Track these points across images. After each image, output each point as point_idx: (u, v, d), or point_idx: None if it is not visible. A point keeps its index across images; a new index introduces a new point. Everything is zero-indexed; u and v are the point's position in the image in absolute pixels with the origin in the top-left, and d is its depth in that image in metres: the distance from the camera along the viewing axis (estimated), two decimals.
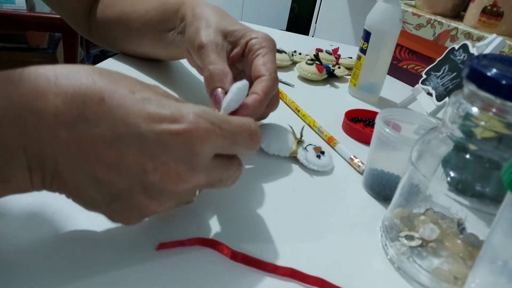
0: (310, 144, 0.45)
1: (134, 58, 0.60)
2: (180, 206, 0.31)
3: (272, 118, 0.51)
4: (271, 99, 0.42)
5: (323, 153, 0.45)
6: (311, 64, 0.70)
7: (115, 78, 0.27)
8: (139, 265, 0.29)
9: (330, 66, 0.73)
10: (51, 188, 0.26)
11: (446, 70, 0.57)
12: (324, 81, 0.71)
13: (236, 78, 0.40)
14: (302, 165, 0.45)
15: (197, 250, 0.32)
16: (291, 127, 0.47)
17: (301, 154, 0.44)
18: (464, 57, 0.55)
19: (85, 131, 0.24)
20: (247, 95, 0.38)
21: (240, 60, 0.45)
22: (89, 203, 0.27)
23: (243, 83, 0.34)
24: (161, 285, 0.28)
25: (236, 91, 0.34)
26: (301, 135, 0.46)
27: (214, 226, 0.34)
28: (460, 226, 0.33)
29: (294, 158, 0.45)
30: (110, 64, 0.60)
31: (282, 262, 0.31)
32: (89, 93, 0.25)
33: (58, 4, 0.59)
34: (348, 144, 0.51)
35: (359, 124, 0.57)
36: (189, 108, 0.27)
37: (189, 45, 0.44)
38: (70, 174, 0.25)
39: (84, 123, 0.24)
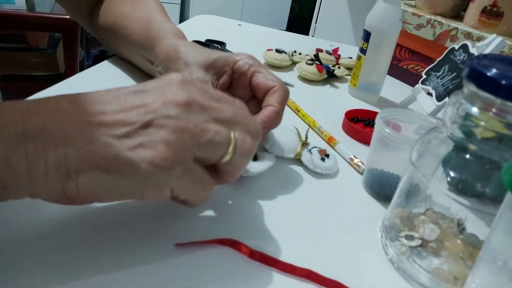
0: (315, 147, 0.45)
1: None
2: (221, 150, 0.29)
3: None
4: None
5: (328, 156, 0.45)
6: (311, 64, 0.70)
7: None
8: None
9: (330, 66, 0.73)
10: (56, 156, 0.24)
11: (446, 70, 0.57)
12: (324, 81, 0.71)
13: None
14: (305, 167, 0.44)
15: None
16: (297, 129, 0.47)
17: (305, 157, 0.44)
18: (464, 57, 0.55)
19: (84, 98, 0.27)
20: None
21: (230, 87, 0.44)
22: (106, 159, 0.25)
23: None
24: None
25: None
26: (306, 138, 0.46)
27: (216, 227, 0.34)
28: (460, 226, 0.33)
29: (297, 160, 0.45)
30: (110, 64, 0.60)
31: (281, 260, 0.31)
32: (81, 94, 0.28)
33: (65, 1, 0.60)
34: (348, 144, 0.51)
35: (359, 124, 0.57)
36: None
37: None
38: (78, 129, 0.25)
39: (83, 95, 0.27)
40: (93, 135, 0.25)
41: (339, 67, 0.73)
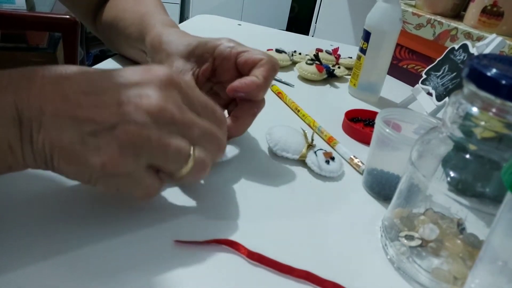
0: (321, 149, 0.45)
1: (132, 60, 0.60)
2: (175, 160, 0.30)
3: (274, 118, 0.51)
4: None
5: (333, 158, 0.45)
6: (311, 64, 0.70)
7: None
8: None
9: (330, 66, 0.73)
10: (38, 143, 0.27)
11: (446, 70, 0.57)
12: (324, 81, 0.71)
13: (209, 93, 0.44)
14: (309, 169, 0.44)
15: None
16: (304, 131, 0.47)
17: (309, 158, 0.44)
18: (464, 57, 0.55)
19: (67, 85, 0.28)
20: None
21: (214, 73, 0.44)
22: (70, 152, 0.27)
23: None
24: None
25: None
26: (312, 140, 0.46)
27: (215, 227, 0.34)
28: (460, 226, 0.33)
29: (301, 162, 0.45)
30: (109, 64, 0.60)
31: (280, 260, 0.31)
32: (68, 67, 0.29)
33: (71, 1, 0.61)
34: (348, 144, 0.51)
35: (359, 124, 0.57)
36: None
37: None
38: (54, 121, 0.27)
39: (66, 80, 0.28)
40: (64, 127, 0.27)
41: (339, 67, 0.73)
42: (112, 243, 0.31)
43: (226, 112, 0.45)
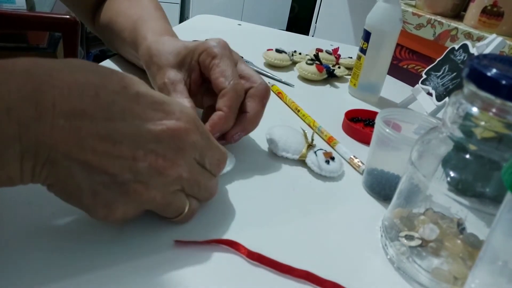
0: (321, 149, 0.45)
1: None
2: (171, 214, 0.32)
3: (274, 118, 0.50)
4: (247, 107, 0.41)
5: (333, 158, 0.45)
6: (311, 64, 0.70)
7: (105, 74, 0.28)
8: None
9: (330, 66, 0.73)
10: (40, 177, 0.26)
11: (446, 70, 0.57)
12: (324, 81, 0.71)
13: (203, 98, 0.44)
14: (309, 169, 0.44)
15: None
16: (304, 131, 0.47)
17: (309, 158, 0.44)
18: (464, 57, 0.55)
19: (81, 122, 0.26)
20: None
21: (206, 80, 0.43)
22: (73, 193, 0.27)
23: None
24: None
25: None
26: (312, 139, 0.46)
27: (215, 227, 0.34)
28: (460, 226, 0.33)
29: (302, 162, 0.45)
30: (108, 65, 0.60)
31: (281, 260, 0.31)
32: (84, 87, 0.26)
33: (71, 2, 0.61)
34: (348, 144, 0.51)
35: (359, 124, 0.57)
36: (175, 105, 0.30)
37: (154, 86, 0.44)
38: (63, 161, 0.26)
39: (81, 115, 0.26)
40: (73, 170, 0.26)
41: (339, 67, 0.73)
42: (112, 243, 0.31)
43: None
